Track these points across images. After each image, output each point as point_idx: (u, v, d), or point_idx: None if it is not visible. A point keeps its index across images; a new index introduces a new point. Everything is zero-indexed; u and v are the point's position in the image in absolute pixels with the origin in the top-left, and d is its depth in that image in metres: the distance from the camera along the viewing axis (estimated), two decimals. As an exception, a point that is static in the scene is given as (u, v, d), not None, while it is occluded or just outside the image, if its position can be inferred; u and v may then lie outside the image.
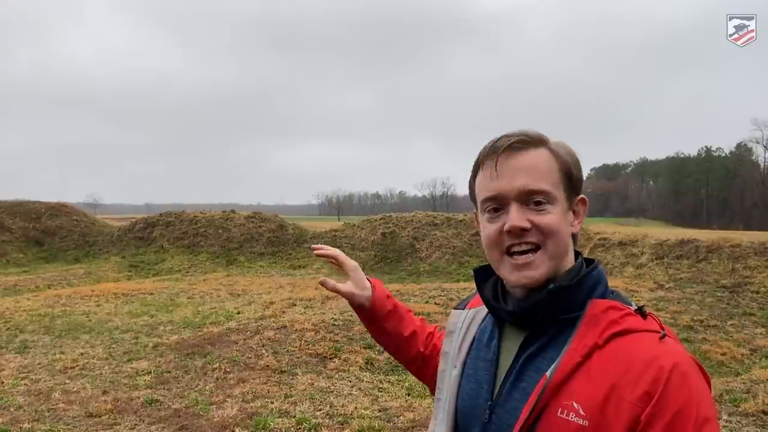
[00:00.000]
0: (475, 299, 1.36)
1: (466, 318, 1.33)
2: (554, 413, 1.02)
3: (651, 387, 0.97)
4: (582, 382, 1.02)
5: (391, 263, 21.90)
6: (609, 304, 1.10)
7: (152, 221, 26.24)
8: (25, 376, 7.29)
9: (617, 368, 1.01)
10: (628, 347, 1.03)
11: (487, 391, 1.17)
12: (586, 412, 0.99)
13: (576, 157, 1.20)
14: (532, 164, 1.14)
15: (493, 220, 1.16)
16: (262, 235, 24.52)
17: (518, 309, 1.14)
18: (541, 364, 1.09)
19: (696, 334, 9.25)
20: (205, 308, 12.26)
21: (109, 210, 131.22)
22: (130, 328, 10.20)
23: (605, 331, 1.06)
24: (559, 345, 1.09)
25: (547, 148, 1.17)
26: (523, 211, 1.12)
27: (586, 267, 1.18)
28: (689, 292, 12.03)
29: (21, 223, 25.88)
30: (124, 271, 21.58)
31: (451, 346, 1.32)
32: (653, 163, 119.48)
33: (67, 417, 5.85)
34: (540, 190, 1.12)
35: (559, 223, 1.13)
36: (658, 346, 1.03)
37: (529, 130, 1.18)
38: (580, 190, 1.21)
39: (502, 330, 1.21)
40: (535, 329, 1.13)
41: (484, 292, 1.24)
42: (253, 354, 8.11)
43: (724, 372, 7.77)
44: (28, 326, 10.41)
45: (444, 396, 1.27)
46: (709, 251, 14.84)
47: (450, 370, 1.28)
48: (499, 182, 1.14)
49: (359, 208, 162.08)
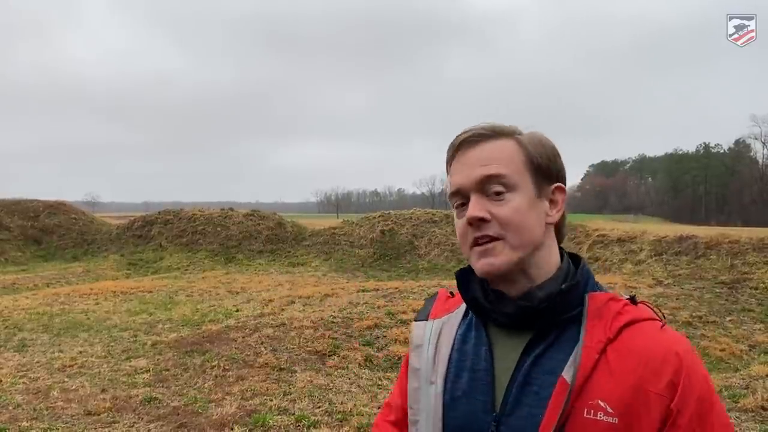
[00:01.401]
0: (436, 309, 1.27)
1: (432, 329, 1.23)
2: (581, 414, 0.98)
3: (674, 376, 0.99)
4: (603, 379, 1.00)
5: (389, 260, 21.90)
6: (608, 296, 1.09)
7: (151, 219, 26.22)
8: (23, 375, 7.27)
9: (635, 360, 1.00)
10: (639, 338, 1.03)
11: (486, 402, 1.08)
12: (615, 409, 0.98)
13: (549, 146, 1.15)
14: (489, 154, 1.10)
15: (460, 215, 1.13)
16: (260, 233, 24.51)
17: (519, 311, 1.08)
18: (550, 365, 1.04)
19: (695, 330, 9.25)
20: (203, 306, 12.26)
21: (108, 208, 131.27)
22: (129, 327, 10.19)
23: (613, 323, 1.05)
24: (567, 343, 1.05)
25: (511, 138, 1.13)
26: (483, 201, 1.09)
27: (570, 261, 1.17)
28: (688, 289, 12.03)
29: (19, 221, 25.86)
30: (123, 269, 21.57)
31: (421, 360, 1.20)
32: (652, 159, 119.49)
33: (66, 415, 5.84)
34: (496, 174, 1.08)
35: (519, 212, 1.08)
36: (665, 334, 1.04)
37: (492, 123, 1.14)
38: (557, 178, 1.15)
39: (488, 335, 1.15)
40: (539, 329, 1.08)
41: (473, 294, 1.16)
42: (251, 352, 8.10)
43: (722, 368, 7.78)
44: (26, 325, 10.40)
45: (422, 416, 1.15)
46: (708, 248, 14.85)
47: (425, 387, 1.17)
48: (457, 176, 1.12)
49: (358, 206, 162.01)
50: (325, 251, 22.97)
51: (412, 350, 1.23)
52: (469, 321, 1.20)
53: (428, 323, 1.25)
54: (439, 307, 1.27)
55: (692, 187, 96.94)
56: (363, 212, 40.37)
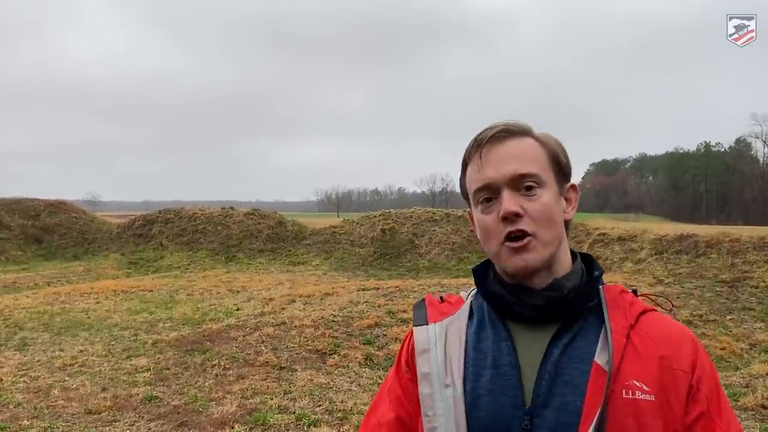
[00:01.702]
0: (432, 313, 1.25)
1: (436, 333, 1.21)
2: (619, 396, 1.02)
3: (692, 356, 1.09)
4: (633, 361, 1.05)
5: (390, 259, 21.90)
6: (619, 288, 1.17)
7: (151, 218, 26.23)
8: (24, 374, 7.28)
9: (658, 343, 1.08)
10: (656, 324, 1.12)
11: (516, 397, 1.08)
12: (650, 387, 1.04)
13: (562, 146, 1.20)
14: (519, 151, 1.14)
15: (487, 211, 1.14)
16: (261, 231, 24.52)
17: (548, 301, 1.11)
18: (578, 354, 1.08)
19: (695, 329, 9.25)
20: (204, 305, 12.27)
21: (108, 207, 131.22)
22: (130, 326, 10.19)
23: (630, 311, 1.12)
24: (590, 332, 1.10)
25: (532, 137, 1.17)
26: (515, 196, 1.11)
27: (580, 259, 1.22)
28: (688, 287, 12.03)
29: (20, 220, 25.87)
30: (124, 268, 21.58)
31: (431, 365, 1.17)
32: (652, 158, 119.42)
33: (67, 414, 5.85)
34: (529, 173, 1.12)
35: (551, 207, 1.13)
36: (675, 321, 1.16)
37: (513, 121, 1.18)
38: (570, 177, 1.21)
39: (507, 330, 1.15)
40: (566, 320, 1.11)
41: (494, 289, 1.18)
42: (252, 350, 8.11)
43: (723, 366, 7.78)
44: (27, 324, 10.41)
45: (441, 421, 1.12)
46: (708, 246, 14.85)
47: (441, 390, 1.14)
48: (487, 171, 1.13)
49: (358, 205, 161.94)
50: (326, 250, 22.97)
51: (419, 355, 1.20)
52: (479, 320, 1.20)
53: (430, 327, 1.22)
54: (435, 312, 1.26)
55: (693, 186, 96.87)
56: (363, 211, 40.39)
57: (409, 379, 1.23)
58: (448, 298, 1.29)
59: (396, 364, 1.29)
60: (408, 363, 1.24)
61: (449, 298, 1.29)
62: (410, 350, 1.24)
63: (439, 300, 1.29)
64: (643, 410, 1.02)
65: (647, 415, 1.02)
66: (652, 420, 1.02)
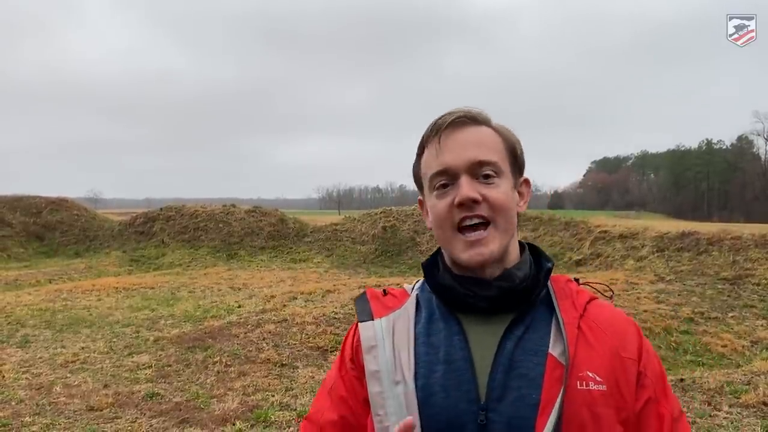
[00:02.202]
0: (376, 308, 1.21)
1: (383, 327, 1.16)
2: (574, 387, 1.03)
3: (638, 344, 1.12)
4: (585, 352, 1.06)
5: (391, 257, 21.90)
6: (565, 277, 1.20)
7: (153, 216, 26.22)
8: (26, 371, 7.29)
9: (606, 332, 1.10)
10: (601, 312, 1.14)
11: (470, 392, 1.05)
12: (602, 377, 1.05)
13: (518, 139, 1.20)
14: (479, 138, 1.13)
15: (442, 196, 1.12)
16: (262, 229, 24.52)
17: (500, 292, 1.10)
18: (532, 346, 1.07)
19: (697, 327, 9.25)
20: (205, 302, 12.27)
21: (110, 205, 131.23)
22: (131, 323, 10.20)
23: (577, 301, 1.13)
24: (541, 323, 1.10)
25: (490, 126, 1.17)
26: (473, 183, 1.10)
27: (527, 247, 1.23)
28: (690, 285, 12.02)
29: (21, 218, 25.88)
30: (125, 265, 21.59)
31: (379, 362, 1.12)
32: (654, 155, 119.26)
33: (69, 411, 5.86)
34: (489, 161, 1.11)
35: (507, 196, 1.12)
36: (617, 309, 1.18)
37: (472, 108, 1.16)
38: (523, 171, 1.21)
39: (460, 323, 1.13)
40: (520, 311, 1.10)
41: (446, 282, 1.15)
42: (254, 347, 8.11)
43: (724, 364, 7.78)
44: (29, 321, 10.42)
45: (393, 420, 1.07)
46: (710, 244, 14.82)
47: (391, 388, 1.09)
48: (446, 156, 1.12)
49: (360, 202, 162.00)
50: (327, 247, 22.98)
51: (366, 353, 1.14)
52: (428, 314, 1.17)
53: (376, 322, 1.18)
54: (378, 306, 1.21)
55: (694, 184, 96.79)
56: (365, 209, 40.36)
57: (354, 377, 1.18)
58: (391, 291, 1.26)
59: (339, 361, 1.24)
60: (353, 360, 1.19)
61: (393, 291, 1.26)
62: (355, 347, 1.19)
63: (382, 293, 1.26)
64: (596, 400, 1.03)
65: (600, 405, 1.03)
66: (605, 409, 1.03)
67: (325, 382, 1.26)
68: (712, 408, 5.61)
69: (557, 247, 18.79)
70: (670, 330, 8.99)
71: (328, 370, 1.34)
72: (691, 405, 5.68)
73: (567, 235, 19.28)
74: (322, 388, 1.25)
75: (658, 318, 9.46)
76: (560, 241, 19.08)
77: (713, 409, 5.57)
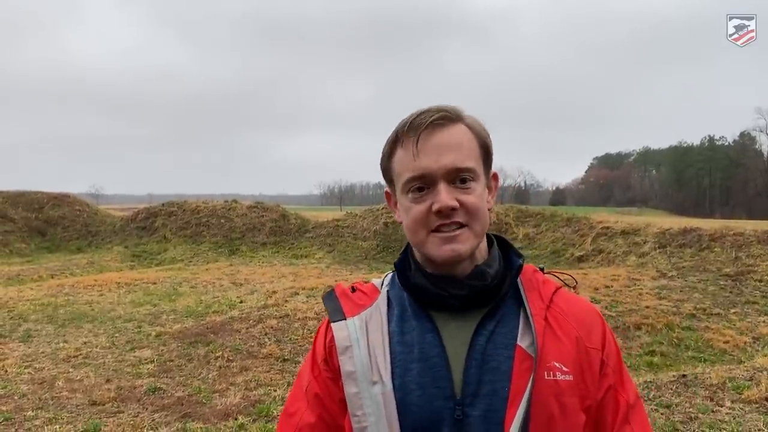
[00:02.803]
0: (347, 306, 1.19)
1: (357, 327, 1.15)
2: (541, 378, 1.05)
3: (602, 333, 1.15)
4: (551, 343, 1.08)
5: (393, 253, 21.88)
6: (531, 267, 1.21)
7: (155, 211, 26.23)
8: (28, 365, 7.31)
9: (571, 322, 1.12)
10: (566, 303, 1.16)
11: (446, 389, 1.06)
12: (568, 366, 1.07)
13: (487, 133, 1.18)
14: (456, 141, 1.11)
15: (418, 200, 1.11)
16: (264, 224, 24.52)
17: (472, 290, 1.11)
18: (503, 340, 1.08)
19: (698, 323, 9.24)
20: (207, 297, 12.28)
21: (112, 200, 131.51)
22: (133, 318, 10.22)
23: (543, 292, 1.15)
24: (509, 316, 1.11)
25: (464, 123, 1.14)
26: (451, 190, 1.09)
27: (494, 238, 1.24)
28: (692, 281, 12.01)
29: (23, 213, 25.89)
30: (127, 260, 21.60)
31: (355, 362, 1.11)
32: (656, 152, 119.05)
33: (71, 405, 5.87)
34: (467, 168, 1.10)
35: (481, 200, 1.12)
36: (582, 298, 1.21)
37: (446, 105, 1.14)
38: (491, 165, 1.20)
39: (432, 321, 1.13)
40: (491, 307, 1.11)
41: (418, 281, 1.15)
42: (255, 342, 8.13)
43: (726, 360, 7.77)
44: (31, 315, 10.44)
45: (371, 420, 1.07)
46: (712, 240, 14.80)
47: (368, 388, 1.08)
48: (423, 161, 1.09)
49: (361, 198, 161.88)
50: (329, 243, 22.98)
51: (341, 354, 1.13)
52: (400, 312, 1.16)
53: (349, 322, 1.16)
54: (350, 305, 1.20)
55: (697, 180, 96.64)
56: (366, 204, 40.36)
57: (328, 378, 1.17)
58: (360, 288, 1.24)
59: (311, 361, 1.22)
60: (326, 361, 1.18)
61: (361, 287, 1.24)
62: (328, 347, 1.18)
63: (350, 290, 1.23)
64: (563, 390, 1.05)
65: (566, 395, 1.05)
66: (570, 398, 1.06)
67: (300, 378, 1.24)
68: (715, 404, 5.60)
69: (559, 243, 18.77)
70: (671, 326, 8.98)
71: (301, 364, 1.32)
72: (693, 401, 5.67)
73: (569, 231, 19.26)
74: (297, 385, 1.23)
75: (659, 314, 9.45)
76: (562, 237, 19.06)
77: (715, 405, 5.57)
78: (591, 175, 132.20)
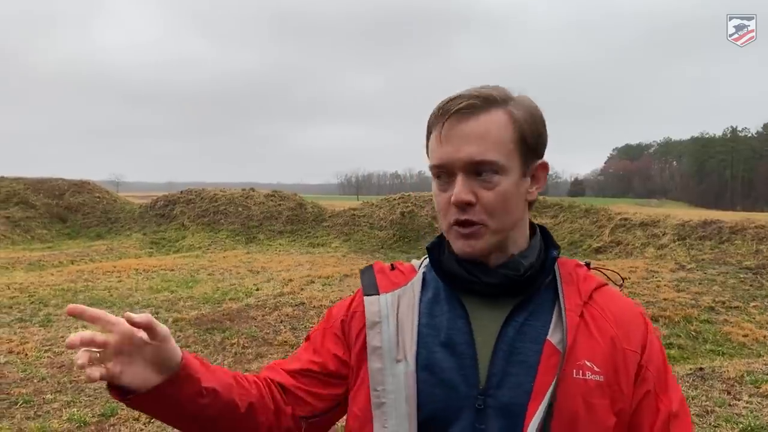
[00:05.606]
0: (382, 283, 1.19)
1: (388, 304, 1.15)
2: (570, 376, 1.01)
3: (642, 335, 1.10)
4: (585, 340, 1.05)
5: (409, 242, 21.88)
6: (574, 262, 1.18)
7: (173, 199, 26.44)
8: (48, 349, 7.42)
9: (610, 321, 1.08)
10: (608, 301, 1.12)
11: (470, 377, 1.05)
12: (600, 367, 1.03)
13: (538, 117, 1.11)
14: (482, 132, 1.05)
15: (442, 188, 1.10)
16: (281, 213, 24.62)
17: (505, 280, 1.08)
18: (533, 333, 1.06)
19: (717, 316, 9.14)
20: (224, 285, 12.37)
21: (131, 188, 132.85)
22: (151, 304, 10.32)
23: (583, 287, 1.11)
24: (543, 309, 1.09)
25: (503, 109, 1.07)
26: (470, 182, 1.05)
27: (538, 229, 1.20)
28: (711, 273, 11.87)
29: (45, 199, 26.23)
30: (146, 247, 21.82)
31: (382, 338, 1.11)
32: (677, 143, 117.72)
33: (89, 389, 5.95)
34: (487, 161, 1.04)
35: (506, 197, 1.06)
36: (627, 298, 1.16)
37: (486, 88, 1.08)
38: (542, 153, 1.14)
39: (463, 306, 1.12)
40: (523, 298, 1.09)
41: (449, 266, 1.14)
42: (271, 330, 8.18)
43: (745, 354, 7.68)
44: (51, 300, 10.58)
45: (390, 398, 1.07)
46: (733, 232, 14.61)
47: (392, 366, 1.09)
48: (445, 149, 1.06)
49: (378, 188, 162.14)
50: (345, 232, 23.02)
51: (369, 328, 1.14)
52: (434, 294, 1.16)
53: (382, 297, 1.16)
54: (385, 281, 1.20)
55: (718, 172, 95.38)
56: (383, 194, 40.34)
57: (334, 334, 1.20)
58: (399, 267, 1.24)
59: (324, 318, 1.25)
60: (343, 322, 1.20)
61: (400, 265, 1.25)
62: (352, 311, 1.20)
63: (389, 267, 1.24)
64: (592, 390, 1.02)
65: (595, 395, 1.02)
66: (599, 400, 1.02)
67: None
68: (732, 397, 5.55)
69: (577, 234, 18.63)
70: (690, 319, 8.88)
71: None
72: (711, 394, 5.62)
73: (587, 222, 19.10)
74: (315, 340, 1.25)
75: (678, 307, 9.36)
76: (580, 228, 18.92)
77: (733, 399, 5.51)
78: (610, 166, 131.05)
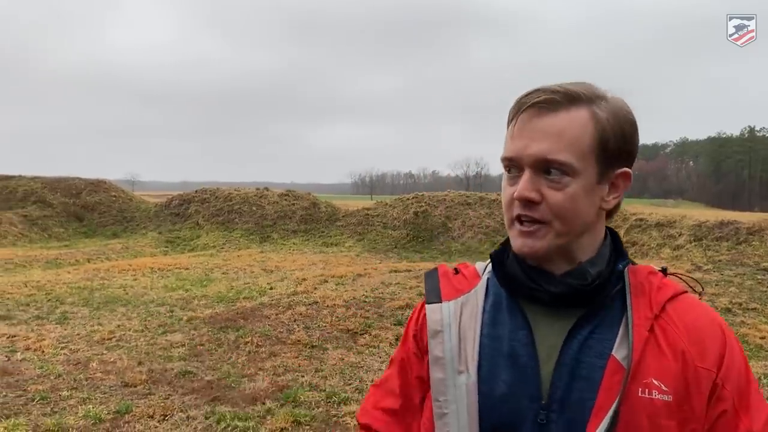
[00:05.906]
0: (446, 289, 1.16)
1: (451, 312, 1.12)
2: (635, 394, 0.96)
3: (719, 351, 1.00)
4: (653, 357, 0.98)
5: (423, 242, 21.86)
6: (647, 269, 1.08)
7: (188, 198, 26.61)
8: (64, 346, 7.48)
9: (682, 336, 1.00)
10: (683, 313, 1.02)
11: (533, 391, 1.01)
12: (668, 386, 0.96)
13: (627, 123, 1.04)
14: (557, 130, 0.99)
15: (510, 182, 1.05)
16: (295, 212, 24.69)
17: (569, 289, 1.02)
18: (599, 347, 1.00)
19: (734, 317, 9.03)
20: (238, 283, 12.43)
21: (147, 187, 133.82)
22: (166, 302, 10.39)
23: (656, 298, 1.03)
24: (611, 322, 1.02)
25: (587, 108, 1.00)
26: (536, 180, 1.00)
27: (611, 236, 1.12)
28: (728, 275, 11.74)
29: (62, 198, 26.51)
30: (161, 246, 21.98)
31: (444, 348, 1.09)
32: (694, 143, 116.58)
33: (104, 386, 6.00)
34: (557, 161, 0.98)
35: (573, 200, 1.00)
36: (705, 308, 1.05)
37: (573, 84, 1.02)
38: (626, 161, 1.05)
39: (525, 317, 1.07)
40: (588, 309, 1.03)
41: (512, 272, 1.09)
42: (284, 329, 8.20)
43: (762, 356, 7.59)
44: (68, 298, 10.68)
45: (452, 409, 1.05)
46: (750, 233, 14.45)
47: (453, 377, 1.06)
48: (516, 144, 1.02)
49: (392, 188, 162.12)
50: (359, 232, 23.04)
51: (431, 337, 1.11)
52: (495, 302, 1.11)
53: (444, 306, 1.13)
54: (449, 287, 1.16)
55: (735, 172, 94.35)
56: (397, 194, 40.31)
57: (414, 353, 1.18)
58: (462, 270, 1.20)
59: (404, 335, 1.23)
60: (416, 337, 1.18)
61: (464, 269, 1.20)
62: (420, 325, 1.17)
63: (453, 271, 1.20)
64: (659, 410, 0.96)
65: (662, 416, 0.96)
66: (666, 420, 0.96)
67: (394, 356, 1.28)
68: (749, 400, 5.49)
69: (591, 234, 18.51)
70: (706, 320, 8.80)
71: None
72: (727, 396, 5.56)
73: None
74: (391, 359, 1.27)
75: (694, 308, 9.27)
76: (594, 228, 18.79)
77: (749, 401, 5.45)
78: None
